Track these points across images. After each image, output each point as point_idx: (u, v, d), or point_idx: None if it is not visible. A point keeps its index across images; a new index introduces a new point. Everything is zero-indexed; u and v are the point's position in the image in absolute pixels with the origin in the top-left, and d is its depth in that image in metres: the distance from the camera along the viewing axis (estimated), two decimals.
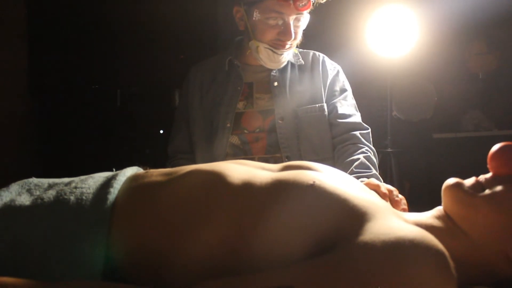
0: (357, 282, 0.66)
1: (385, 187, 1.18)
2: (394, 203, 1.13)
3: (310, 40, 2.01)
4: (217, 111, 1.76)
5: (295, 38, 1.68)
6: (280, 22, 1.63)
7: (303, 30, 1.71)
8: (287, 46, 1.68)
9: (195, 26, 3.40)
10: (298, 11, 1.60)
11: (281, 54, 1.69)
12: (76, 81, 3.23)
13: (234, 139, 1.73)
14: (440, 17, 2.90)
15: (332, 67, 1.84)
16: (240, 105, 1.76)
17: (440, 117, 3.39)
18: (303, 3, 1.59)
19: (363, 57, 2.69)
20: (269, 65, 1.74)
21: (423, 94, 3.36)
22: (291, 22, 1.63)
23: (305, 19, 1.67)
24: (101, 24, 3.24)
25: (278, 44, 1.67)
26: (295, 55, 1.84)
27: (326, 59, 1.87)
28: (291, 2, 1.58)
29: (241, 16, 1.72)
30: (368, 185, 1.15)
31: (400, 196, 1.17)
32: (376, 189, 1.13)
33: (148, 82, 3.41)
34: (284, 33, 1.64)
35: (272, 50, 1.68)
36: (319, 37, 2.68)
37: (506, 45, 3.38)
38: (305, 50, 1.88)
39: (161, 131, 3.41)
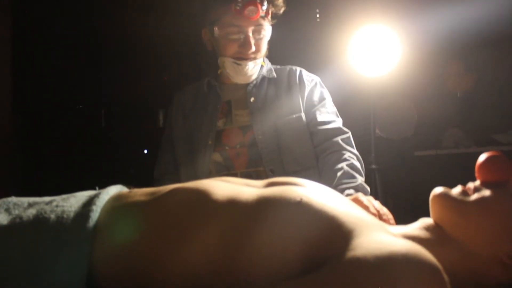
0: None
1: (373, 207, 1.19)
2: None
3: (292, 59, 2.03)
4: (198, 131, 1.78)
5: (257, 50, 1.72)
6: (241, 36, 1.68)
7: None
8: (250, 58, 1.72)
9: (178, 48, 3.45)
10: (249, 19, 1.64)
11: (246, 66, 1.72)
12: (60, 101, 3.23)
13: (216, 156, 1.74)
14: (419, 38, 2.96)
15: (309, 78, 1.86)
16: (220, 122, 1.78)
17: (421, 135, 3.45)
18: (252, 12, 1.63)
19: (346, 77, 2.71)
20: (236, 78, 1.78)
21: (404, 113, 3.42)
22: (250, 34, 1.68)
23: (266, 30, 1.71)
24: (86, 45, 3.27)
25: (240, 57, 1.71)
26: (269, 69, 1.86)
27: (304, 71, 1.88)
28: (243, 12, 1.62)
29: (208, 37, 1.78)
30: (356, 202, 1.13)
31: (388, 214, 1.18)
32: (364, 208, 1.10)
33: (132, 103, 3.43)
34: (244, 45, 1.69)
35: (236, 63, 1.72)
36: (301, 56, 2.71)
37: (482, 66, 3.47)
38: (282, 66, 1.91)
39: (145, 151, 3.44)
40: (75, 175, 3.03)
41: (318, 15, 3.30)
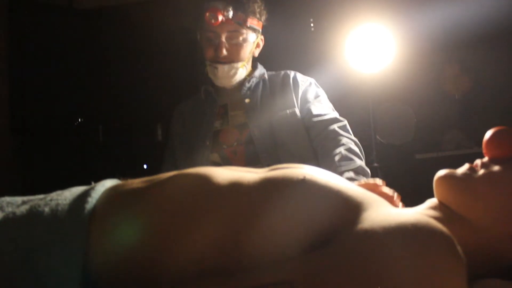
0: (361, 271, 0.62)
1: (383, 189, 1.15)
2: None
3: (288, 63, 2.07)
4: (196, 133, 1.85)
5: (230, 55, 1.78)
6: (216, 41, 1.76)
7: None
8: (224, 61, 1.79)
9: (176, 60, 3.46)
10: (213, 25, 1.72)
11: (221, 70, 1.79)
12: (58, 117, 3.22)
13: (214, 157, 1.79)
14: (414, 39, 2.97)
15: (304, 79, 1.91)
16: (217, 124, 1.85)
17: (422, 138, 3.44)
18: (211, 18, 1.71)
19: (343, 79, 2.71)
20: (216, 81, 1.86)
21: (403, 118, 3.43)
22: (223, 39, 1.76)
23: (244, 36, 1.78)
24: (83, 60, 3.27)
25: (215, 60, 1.79)
26: (262, 74, 1.93)
27: (298, 74, 1.93)
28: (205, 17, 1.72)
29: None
30: (366, 186, 1.07)
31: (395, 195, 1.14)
32: (374, 189, 1.05)
33: (130, 117, 3.42)
34: (216, 49, 1.77)
35: (212, 66, 1.80)
36: (297, 60, 2.72)
37: (478, 67, 3.48)
38: (277, 72, 1.97)
39: (145, 166, 3.38)
40: None
41: (312, 24, 3.32)
